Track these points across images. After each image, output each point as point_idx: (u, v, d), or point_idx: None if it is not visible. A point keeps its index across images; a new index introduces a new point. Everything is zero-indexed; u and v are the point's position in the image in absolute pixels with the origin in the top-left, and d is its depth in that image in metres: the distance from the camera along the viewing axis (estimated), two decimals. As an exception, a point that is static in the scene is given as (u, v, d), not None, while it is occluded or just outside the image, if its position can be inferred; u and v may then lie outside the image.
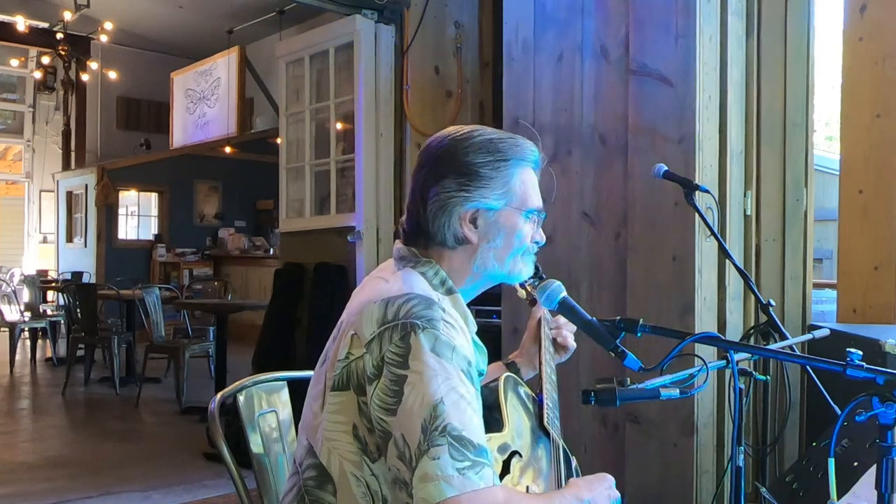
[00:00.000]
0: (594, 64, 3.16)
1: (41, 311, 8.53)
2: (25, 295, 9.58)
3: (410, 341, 1.13)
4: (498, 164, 1.30)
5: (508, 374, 1.44)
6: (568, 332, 1.64)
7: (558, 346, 1.64)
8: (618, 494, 1.33)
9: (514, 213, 1.32)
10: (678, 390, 1.33)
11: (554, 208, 3.27)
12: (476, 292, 1.38)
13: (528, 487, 1.26)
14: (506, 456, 1.25)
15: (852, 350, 1.20)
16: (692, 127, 2.80)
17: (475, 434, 1.10)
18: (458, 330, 1.20)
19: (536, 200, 1.36)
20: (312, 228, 5.21)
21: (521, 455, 1.28)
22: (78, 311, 6.65)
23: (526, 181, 1.34)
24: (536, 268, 1.50)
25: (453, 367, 1.13)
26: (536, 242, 1.38)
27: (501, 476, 1.22)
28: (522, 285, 1.62)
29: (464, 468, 1.06)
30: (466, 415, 1.10)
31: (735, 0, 2.95)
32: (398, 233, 1.40)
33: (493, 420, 1.29)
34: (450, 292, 1.30)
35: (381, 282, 1.27)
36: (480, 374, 1.33)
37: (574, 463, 1.45)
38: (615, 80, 3.09)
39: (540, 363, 1.56)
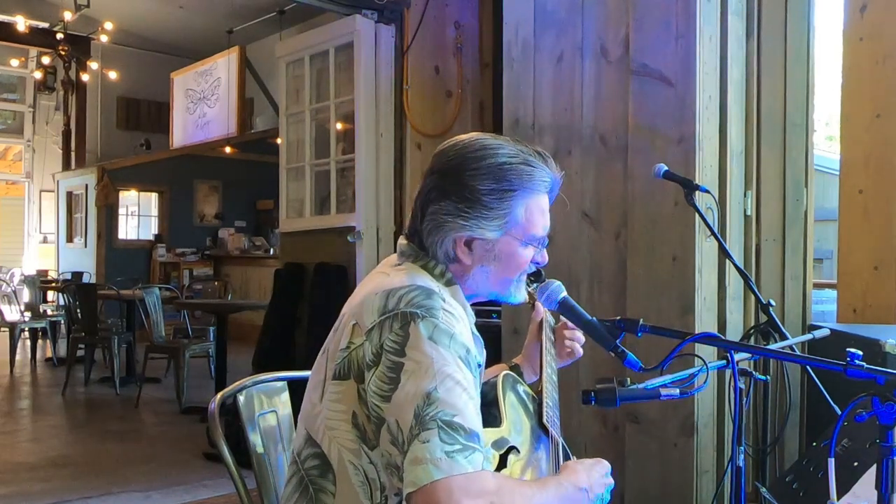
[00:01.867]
0: (594, 64, 3.16)
1: (41, 311, 8.53)
2: (25, 295, 9.59)
3: (409, 330, 1.14)
4: (503, 193, 1.27)
5: (508, 372, 1.44)
6: (579, 337, 1.65)
7: (564, 353, 1.64)
8: (612, 482, 1.34)
9: (513, 242, 1.30)
10: (678, 390, 1.33)
11: (554, 208, 3.27)
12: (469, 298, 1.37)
13: (524, 483, 1.27)
14: (503, 451, 1.26)
15: (852, 350, 1.20)
16: (692, 127, 2.81)
17: (468, 419, 1.10)
18: (457, 318, 1.21)
19: (541, 229, 1.33)
20: (312, 228, 5.21)
21: (518, 451, 1.28)
22: (78, 311, 6.65)
23: (532, 209, 1.30)
24: (540, 273, 1.50)
25: (450, 353, 1.14)
26: (536, 263, 1.36)
27: (498, 470, 1.22)
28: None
29: (453, 451, 1.06)
30: (461, 400, 1.11)
31: (735, 0, 2.95)
32: (401, 232, 1.40)
33: (490, 416, 1.29)
34: (450, 283, 1.30)
35: (383, 276, 1.28)
36: (479, 366, 1.34)
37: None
38: (615, 80, 3.09)
39: (541, 363, 1.56)
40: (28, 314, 8.27)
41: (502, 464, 1.24)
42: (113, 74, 10.07)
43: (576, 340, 1.65)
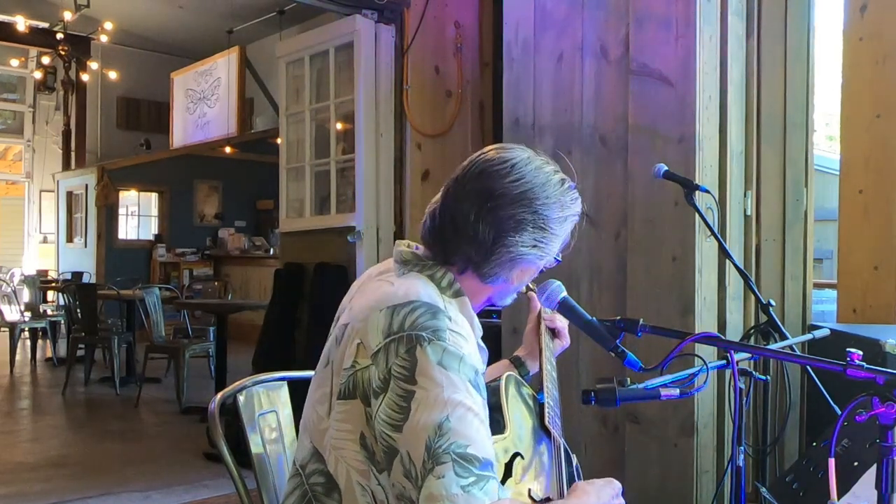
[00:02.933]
0: (594, 64, 3.16)
1: (41, 311, 8.53)
2: (25, 295, 9.60)
3: (416, 354, 1.11)
4: (564, 220, 1.29)
5: (510, 373, 1.44)
6: (561, 322, 1.63)
7: (552, 331, 1.62)
8: (623, 503, 1.32)
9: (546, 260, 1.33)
10: (678, 390, 1.33)
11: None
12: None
13: (529, 490, 1.26)
14: (508, 458, 1.25)
15: (852, 350, 1.20)
16: (692, 127, 2.81)
17: (481, 448, 1.08)
18: (465, 338, 1.18)
19: None
20: (312, 228, 5.20)
21: (522, 456, 1.28)
22: (78, 311, 6.65)
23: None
24: None
25: (460, 378, 1.11)
26: None
27: (504, 479, 1.21)
28: None
29: (468, 485, 1.05)
30: (472, 427, 1.09)
31: (735, 0, 2.95)
32: (400, 233, 1.39)
33: (494, 422, 1.29)
34: (458, 294, 1.27)
35: (387, 285, 1.24)
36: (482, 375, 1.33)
37: (575, 461, 1.45)
38: (615, 80, 3.09)
39: (540, 361, 1.55)
40: (28, 314, 8.27)
41: (507, 472, 1.23)
42: (113, 74, 10.07)
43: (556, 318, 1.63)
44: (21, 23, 8.90)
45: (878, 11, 2.88)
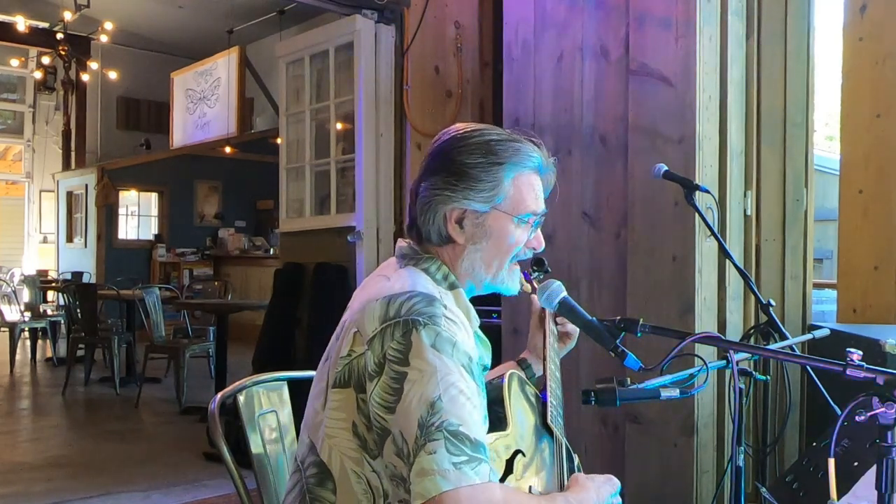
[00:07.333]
0: (594, 64, 3.16)
1: (41, 311, 8.53)
2: (25, 295, 9.59)
3: (412, 338, 1.13)
4: (491, 166, 1.28)
5: (513, 371, 1.44)
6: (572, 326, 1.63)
7: (562, 335, 1.61)
8: (620, 501, 1.33)
9: (503, 217, 1.30)
10: (678, 390, 1.34)
11: (554, 208, 3.26)
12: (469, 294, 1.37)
13: (530, 487, 1.26)
14: (509, 455, 1.25)
15: (852, 350, 1.20)
16: (692, 127, 2.80)
17: (473, 429, 1.09)
18: (459, 325, 1.20)
19: (533, 206, 1.33)
20: (312, 228, 5.21)
21: (524, 454, 1.28)
22: (78, 311, 6.65)
23: (522, 186, 1.31)
24: (542, 261, 1.50)
25: (454, 362, 1.13)
26: (533, 249, 1.37)
27: (505, 475, 1.22)
28: (528, 279, 1.62)
29: (460, 463, 1.06)
30: (465, 410, 1.10)
31: (735, 0, 2.95)
32: (401, 232, 1.40)
33: (496, 418, 1.29)
34: (452, 287, 1.30)
35: (384, 280, 1.27)
36: (485, 369, 1.33)
37: (576, 461, 1.45)
38: (615, 80, 3.09)
39: (544, 360, 1.55)
40: (28, 314, 8.27)
41: (508, 469, 1.23)
42: (113, 74, 10.06)
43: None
44: (21, 23, 8.90)
45: (878, 11, 2.88)
